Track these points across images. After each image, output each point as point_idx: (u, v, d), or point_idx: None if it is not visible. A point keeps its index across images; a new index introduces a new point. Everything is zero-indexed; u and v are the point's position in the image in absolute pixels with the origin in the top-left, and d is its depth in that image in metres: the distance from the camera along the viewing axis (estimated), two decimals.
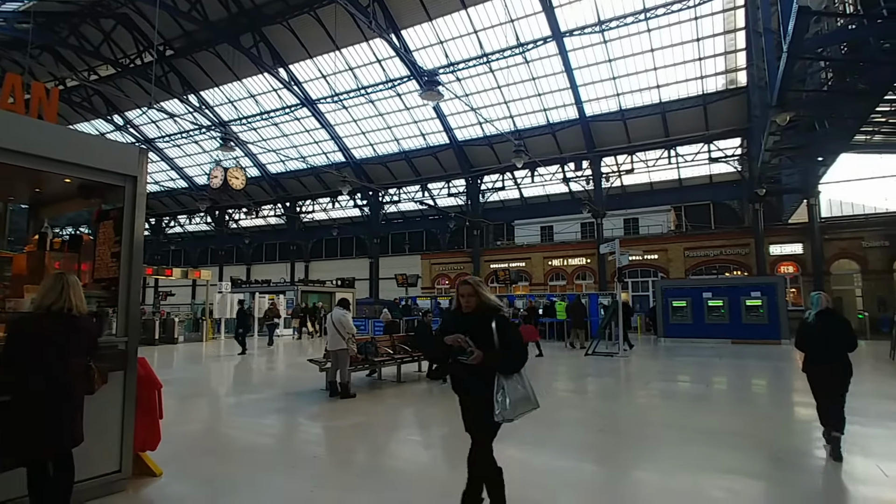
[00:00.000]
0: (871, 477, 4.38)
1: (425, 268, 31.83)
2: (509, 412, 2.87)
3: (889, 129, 19.47)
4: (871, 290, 21.16)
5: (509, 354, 2.97)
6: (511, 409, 2.87)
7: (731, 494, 4.03)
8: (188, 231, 43.34)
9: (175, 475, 4.33)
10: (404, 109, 27.05)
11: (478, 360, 2.89)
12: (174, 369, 12.27)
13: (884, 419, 6.53)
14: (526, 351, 3.08)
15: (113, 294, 4.05)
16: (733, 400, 8.37)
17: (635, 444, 5.57)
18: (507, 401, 2.88)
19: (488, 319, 2.99)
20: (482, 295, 3.06)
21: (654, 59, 21.64)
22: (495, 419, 2.89)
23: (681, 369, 11.65)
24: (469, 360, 2.91)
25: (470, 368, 2.96)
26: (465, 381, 3.06)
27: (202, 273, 22.93)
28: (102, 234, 4.27)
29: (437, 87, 13.96)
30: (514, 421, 2.90)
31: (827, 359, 4.91)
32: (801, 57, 10.72)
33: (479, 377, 2.96)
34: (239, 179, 21.41)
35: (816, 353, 5.00)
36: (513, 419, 2.89)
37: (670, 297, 18.45)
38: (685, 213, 27.61)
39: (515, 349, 2.99)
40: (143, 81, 26.07)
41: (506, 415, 2.87)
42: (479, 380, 2.97)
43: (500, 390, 2.90)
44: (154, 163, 35.93)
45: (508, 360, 2.97)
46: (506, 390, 2.89)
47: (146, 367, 4.35)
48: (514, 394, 2.91)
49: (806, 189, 21.57)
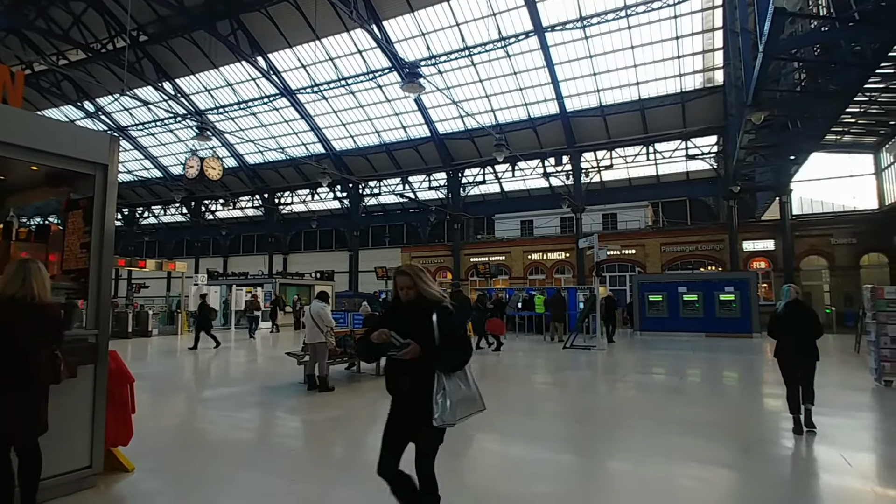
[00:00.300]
0: (835, 466, 4.54)
1: (405, 261, 31.68)
2: (449, 415, 2.55)
3: (858, 129, 20.11)
4: (839, 285, 21.85)
5: (450, 350, 2.65)
6: (452, 411, 2.55)
7: (702, 483, 4.14)
8: (163, 222, 42.38)
9: (148, 470, 4.26)
10: (385, 101, 26.82)
11: (410, 355, 2.57)
12: (148, 363, 12.03)
13: (848, 410, 6.77)
14: (470, 346, 2.78)
15: (83, 286, 3.94)
16: (706, 392, 8.58)
17: (611, 435, 5.67)
18: (447, 403, 2.56)
19: (429, 312, 2.70)
20: (422, 286, 2.75)
21: (633, 56, 21.86)
22: (434, 423, 2.56)
23: (656, 362, 11.88)
24: (398, 355, 2.60)
25: (406, 366, 2.64)
26: (401, 380, 2.74)
27: (177, 265, 22.49)
28: (72, 223, 4.14)
29: (419, 79, 13.85)
30: (454, 425, 2.59)
31: (796, 345, 5.34)
32: (775, 57, 10.94)
33: (417, 376, 2.64)
34: (216, 170, 20.99)
35: (786, 340, 5.41)
36: (454, 423, 2.58)
37: (647, 291, 18.79)
38: (662, 209, 28.05)
39: (457, 344, 2.68)
40: (115, 67, 25.27)
41: (446, 418, 2.55)
42: (415, 379, 2.65)
43: (441, 391, 2.58)
44: (127, 151, 34.99)
45: (449, 356, 2.64)
46: (447, 391, 2.57)
47: (118, 361, 4.25)
48: (455, 394, 2.59)
49: (778, 187, 22.10)
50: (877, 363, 8.29)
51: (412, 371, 2.64)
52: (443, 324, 2.67)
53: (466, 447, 5.33)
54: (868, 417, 6.67)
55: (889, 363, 8.12)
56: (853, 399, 7.43)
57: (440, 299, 2.76)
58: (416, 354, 2.58)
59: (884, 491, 4.03)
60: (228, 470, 4.42)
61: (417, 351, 2.58)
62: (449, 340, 2.66)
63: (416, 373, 2.63)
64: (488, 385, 9.10)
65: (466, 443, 5.49)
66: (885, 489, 4.08)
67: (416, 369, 2.62)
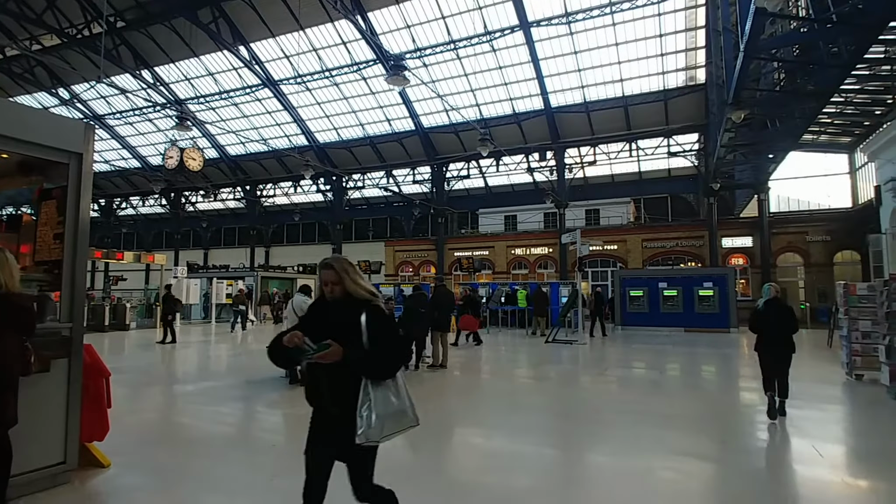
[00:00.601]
0: (807, 457, 4.66)
1: (389, 255, 31.65)
2: (374, 432, 2.22)
3: (834, 129, 20.56)
4: (813, 282, 22.40)
5: (379, 354, 2.32)
6: (378, 427, 2.22)
7: (680, 475, 4.21)
8: (141, 213, 41.52)
9: (125, 466, 4.18)
10: (369, 94, 26.60)
11: (329, 358, 2.22)
12: (125, 357, 11.81)
13: (820, 402, 6.95)
14: (404, 351, 2.50)
15: (56, 277, 3.84)
16: (685, 386, 8.73)
17: (591, 429, 5.73)
18: (372, 417, 2.22)
19: (356, 311, 2.38)
20: (349, 281, 2.42)
21: (618, 53, 22.00)
22: (357, 440, 2.23)
23: (637, 356, 12.05)
24: (313, 358, 2.24)
25: (327, 373, 2.30)
26: (321, 389, 2.37)
27: (156, 257, 22.07)
28: (44, 213, 4.02)
29: (404, 72, 13.77)
30: (380, 444, 2.29)
31: (774, 339, 5.86)
32: (756, 57, 11.11)
33: (340, 384, 2.30)
34: (196, 161, 20.64)
35: (766, 335, 5.93)
36: (379, 441, 2.26)
37: (628, 286, 19.02)
38: (644, 206, 28.42)
39: (388, 348, 2.36)
40: (91, 54, 24.56)
41: (370, 435, 2.21)
42: (338, 388, 2.31)
43: (366, 403, 2.24)
44: (104, 140, 34.15)
45: (377, 361, 2.31)
46: (373, 403, 2.24)
47: (93, 355, 4.16)
48: (383, 407, 2.26)
49: (757, 184, 22.53)
50: (848, 357, 8.53)
51: (334, 378, 2.31)
52: (372, 325, 2.35)
53: (448, 440, 5.35)
54: (839, 410, 6.86)
55: (860, 357, 8.35)
56: (825, 392, 7.63)
57: (370, 297, 2.44)
58: (336, 357, 2.23)
59: (853, 481, 4.15)
60: (208, 465, 4.36)
61: (338, 354, 2.23)
62: (378, 344, 2.34)
63: (339, 380, 2.30)
64: (471, 379, 9.15)
65: (448, 436, 5.51)
66: (854, 479, 4.20)
67: (339, 376, 2.29)
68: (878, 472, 4.38)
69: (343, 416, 2.28)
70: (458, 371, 9.64)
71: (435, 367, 9.55)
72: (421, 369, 9.44)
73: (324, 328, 2.35)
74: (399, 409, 2.33)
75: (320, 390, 2.39)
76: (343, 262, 2.46)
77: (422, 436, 5.49)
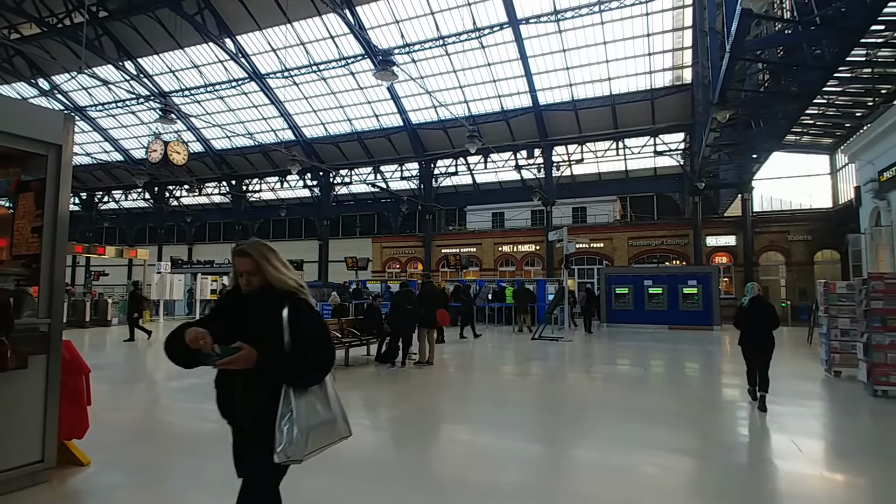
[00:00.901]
0: (787, 452, 4.74)
1: (376, 251, 31.54)
2: (297, 448, 1.88)
3: (816, 131, 20.91)
4: (794, 280, 22.80)
5: (302, 357, 1.95)
6: (301, 442, 1.89)
7: (663, 469, 4.26)
8: (124, 207, 40.80)
9: (105, 464, 4.11)
10: (357, 89, 26.40)
11: (239, 364, 1.87)
12: (106, 353, 11.63)
13: (800, 398, 7.09)
14: (331, 353, 2.12)
15: (34, 272, 3.75)
16: (669, 382, 8.83)
17: (577, 424, 5.78)
18: (294, 431, 1.88)
19: (278, 306, 2.02)
20: (270, 270, 2.04)
21: (606, 52, 22.10)
22: (276, 459, 1.89)
23: (622, 353, 12.17)
24: (216, 364, 1.87)
25: (241, 380, 1.95)
26: (234, 398, 2.00)
27: (139, 252, 21.75)
28: (22, 206, 3.93)
29: (392, 67, 13.69)
30: (302, 462, 1.93)
31: (757, 335, 6.30)
32: (742, 58, 11.24)
33: (255, 393, 1.95)
34: (180, 154, 20.32)
35: (749, 330, 6.38)
36: (301, 460, 1.91)
37: (614, 284, 19.18)
38: (630, 204, 28.65)
39: (313, 350, 1.99)
40: (72, 44, 24.10)
41: (292, 452, 1.88)
42: (252, 397, 1.95)
43: (287, 414, 1.90)
44: (85, 133, 33.49)
45: (299, 366, 1.94)
46: (294, 414, 1.90)
47: (72, 351, 4.08)
48: (308, 418, 1.92)
49: (741, 184, 22.83)
50: (827, 355, 8.70)
51: (249, 386, 1.95)
52: (296, 322, 2.00)
53: (435, 437, 5.35)
54: (818, 406, 7.00)
55: (839, 354, 8.52)
56: (805, 388, 7.78)
57: (295, 289, 2.08)
58: (247, 364, 1.87)
59: (831, 475, 4.24)
60: (191, 462, 4.31)
61: (250, 359, 1.87)
62: (302, 344, 1.98)
63: (255, 389, 1.94)
64: (457, 375, 9.16)
65: (435, 432, 5.51)
66: (832, 473, 4.29)
67: (255, 384, 1.93)
68: (855, 466, 4.48)
69: (258, 430, 1.95)
70: (444, 368, 9.65)
71: (421, 363, 9.55)
72: (408, 366, 9.43)
73: (237, 326, 1.99)
74: (327, 419, 2.00)
75: (232, 398, 2.00)
76: (262, 248, 2.09)
77: (409, 432, 5.49)
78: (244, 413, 1.99)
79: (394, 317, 9.58)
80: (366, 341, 10.07)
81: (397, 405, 6.79)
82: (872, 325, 7.14)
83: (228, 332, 1.96)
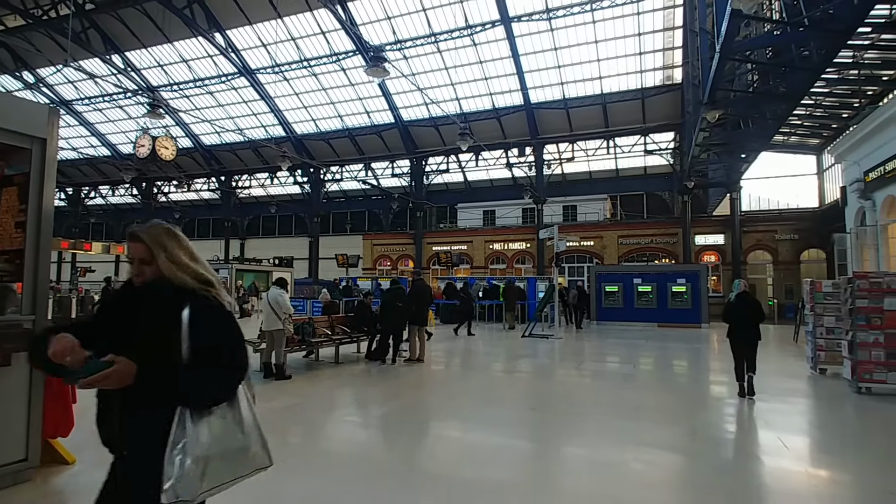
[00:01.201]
0: (773, 448, 4.80)
1: (367, 248, 31.45)
2: (189, 484, 1.44)
3: (803, 131, 21.15)
4: (781, 279, 23.09)
5: (201, 373, 1.50)
6: (195, 477, 1.45)
7: (650, 466, 4.29)
8: (111, 203, 40.32)
9: (90, 463, 4.05)
10: (349, 85, 26.27)
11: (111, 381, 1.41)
12: None
13: (786, 396, 7.17)
14: (244, 363, 1.60)
15: (17, 267, 3.69)
16: (657, 379, 8.90)
17: (566, 421, 5.80)
18: (186, 462, 1.44)
19: (175, 305, 1.57)
20: (166, 262, 1.61)
21: (597, 51, 22.17)
22: (163, 500, 1.42)
23: (611, 351, 12.24)
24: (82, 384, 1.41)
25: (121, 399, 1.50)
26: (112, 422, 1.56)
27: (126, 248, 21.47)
28: (5, 201, 3.86)
29: (384, 63, 13.61)
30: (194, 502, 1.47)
31: (743, 328, 6.75)
32: (731, 58, 11.32)
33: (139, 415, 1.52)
34: (169, 150, 20.14)
35: (736, 324, 6.81)
36: (195, 499, 1.46)
37: (604, 282, 19.28)
38: (620, 203, 28.83)
39: (217, 361, 1.53)
40: (58, 36, 23.68)
41: (182, 490, 1.43)
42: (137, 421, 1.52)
43: (180, 442, 1.45)
44: (71, 127, 33.00)
45: (197, 383, 1.49)
46: (189, 442, 1.46)
47: None
48: (209, 447, 1.48)
49: (729, 184, 23.04)
50: (813, 352, 8.81)
51: (130, 404, 1.51)
52: (198, 325, 1.55)
53: (425, 434, 5.35)
54: (804, 403, 7.09)
55: (824, 352, 8.64)
56: (791, 386, 7.87)
57: (199, 286, 1.62)
58: (122, 381, 1.42)
59: (816, 472, 4.30)
60: None
61: (125, 376, 1.42)
62: (202, 355, 1.52)
63: (138, 407, 1.51)
64: (447, 373, 9.17)
65: (425, 430, 5.51)
66: (817, 470, 4.35)
67: (138, 401, 1.49)
68: (839, 463, 4.54)
69: (142, 461, 1.51)
70: (434, 365, 9.65)
71: (412, 361, 9.54)
72: (398, 363, 9.42)
73: (122, 329, 1.57)
74: (237, 446, 1.55)
75: (111, 422, 1.56)
76: (159, 233, 1.66)
77: (398, 429, 5.49)
78: (121, 438, 1.55)
79: (385, 314, 9.56)
80: (356, 338, 10.05)
81: (387, 402, 6.77)
82: (857, 323, 7.24)
83: (112, 337, 1.57)
